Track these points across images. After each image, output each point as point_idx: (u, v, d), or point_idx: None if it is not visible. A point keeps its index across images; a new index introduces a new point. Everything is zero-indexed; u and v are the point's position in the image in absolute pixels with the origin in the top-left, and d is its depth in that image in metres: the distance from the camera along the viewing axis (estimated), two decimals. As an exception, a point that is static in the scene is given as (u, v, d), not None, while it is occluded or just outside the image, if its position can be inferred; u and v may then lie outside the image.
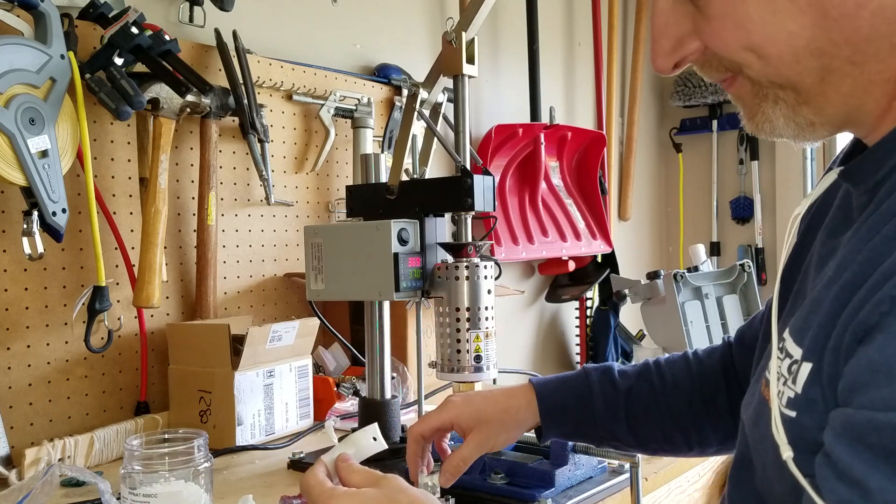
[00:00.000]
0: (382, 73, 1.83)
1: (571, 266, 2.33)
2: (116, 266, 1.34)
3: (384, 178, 1.20)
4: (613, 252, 2.41)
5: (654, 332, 2.07)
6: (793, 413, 0.55)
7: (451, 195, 1.10)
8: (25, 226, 1.12)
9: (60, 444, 1.17)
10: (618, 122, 2.70)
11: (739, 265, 2.10)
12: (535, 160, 2.19)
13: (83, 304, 1.26)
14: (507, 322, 2.29)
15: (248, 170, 1.55)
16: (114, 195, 1.35)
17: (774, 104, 0.59)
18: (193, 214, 1.47)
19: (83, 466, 1.18)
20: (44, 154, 1.12)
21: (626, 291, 2.16)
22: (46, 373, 1.26)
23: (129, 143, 1.36)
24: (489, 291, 1.08)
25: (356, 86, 1.74)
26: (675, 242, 3.01)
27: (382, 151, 1.76)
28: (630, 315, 2.44)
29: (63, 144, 1.17)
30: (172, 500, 0.82)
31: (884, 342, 0.47)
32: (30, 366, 1.24)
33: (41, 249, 1.14)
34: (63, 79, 1.16)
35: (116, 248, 1.33)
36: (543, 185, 2.25)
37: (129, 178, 1.37)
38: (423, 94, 1.16)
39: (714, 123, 2.86)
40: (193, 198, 1.46)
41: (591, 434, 0.92)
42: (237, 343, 1.27)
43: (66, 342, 1.29)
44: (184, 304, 1.46)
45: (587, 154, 2.38)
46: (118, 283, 1.34)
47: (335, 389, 1.47)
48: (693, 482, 1.38)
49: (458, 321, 1.06)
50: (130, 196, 1.37)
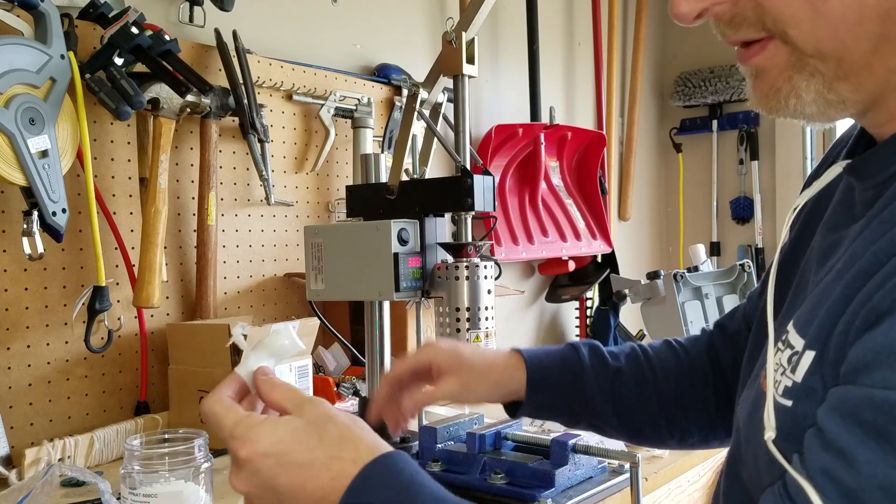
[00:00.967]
0: (382, 73, 1.83)
1: (571, 266, 2.33)
2: (116, 266, 1.34)
3: (384, 178, 1.20)
4: (613, 252, 2.41)
5: (654, 332, 2.07)
6: (788, 402, 0.53)
7: (451, 195, 1.10)
8: (25, 226, 1.12)
9: (60, 444, 1.17)
10: (618, 122, 2.70)
11: (739, 265, 2.10)
12: (535, 160, 2.19)
13: (83, 304, 1.26)
14: (507, 322, 2.29)
15: (248, 170, 1.55)
16: (114, 195, 1.35)
17: (810, 77, 0.53)
18: (193, 214, 1.47)
19: (83, 466, 1.18)
20: (44, 154, 1.12)
21: (626, 291, 2.16)
22: (46, 373, 1.26)
23: (129, 143, 1.36)
24: (489, 291, 1.08)
25: (356, 86, 1.74)
26: (675, 242, 3.01)
27: (382, 151, 1.76)
28: (630, 315, 2.44)
29: (63, 144, 1.17)
30: (172, 500, 0.82)
31: (890, 326, 0.46)
32: (30, 366, 1.24)
33: (41, 249, 1.14)
34: (63, 79, 1.16)
35: (116, 248, 1.33)
36: (543, 185, 2.25)
37: (129, 178, 1.37)
38: (423, 94, 1.16)
39: (714, 123, 2.86)
40: (193, 198, 1.46)
41: (572, 410, 0.87)
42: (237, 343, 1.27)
43: (66, 342, 1.29)
44: (184, 304, 1.46)
45: (587, 154, 2.38)
46: (118, 283, 1.34)
47: (335, 389, 1.47)
48: (693, 482, 1.38)
49: (458, 321, 1.06)
50: (130, 196, 1.37)
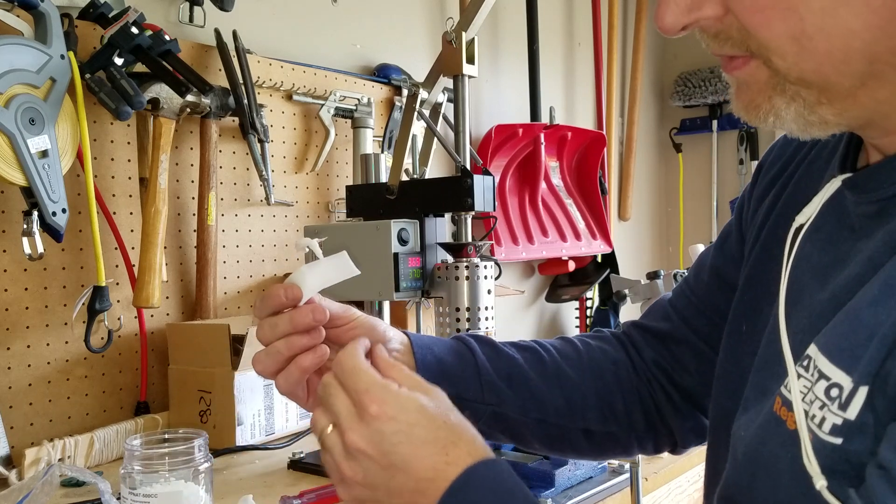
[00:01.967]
0: (382, 73, 1.83)
1: (571, 266, 2.33)
2: (116, 266, 1.34)
3: (384, 178, 1.21)
4: (613, 252, 2.41)
5: (654, 332, 2.07)
6: (837, 440, 0.50)
7: (451, 195, 1.10)
8: (25, 226, 1.12)
9: (60, 444, 1.17)
10: (618, 122, 2.70)
11: (739, 265, 2.10)
12: (535, 160, 2.19)
13: (83, 304, 1.26)
14: (507, 322, 2.29)
15: (248, 170, 1.55)
16: (114, 195, 1.35)
17: (790, 101, 0.52)
18: (193, 214, 1.47)
19: (83, 466, 1.18)
20: (44, 154, 1.12)
21: (626, 291, 2.16)
22: (46, 373, 1.26)
23: (129, 143, 1.36)
24: (489, 291, 1.08)
25: (356, 86, 1.74)
26: (675, 242, 3.01)
27: (382, 151, 1.75)
28: (630, 315, 2.44)
29: (63, 144, 1.17)
30: (172, 500, 0.82)
31: None
32: (30, 366, 1.24)
33: (41, 249, 1.14)
34: (63, 79, 1.16)
35: (116, 248, 1.33)
36: (543, 185, 2.25)
37: (129, 178, 1.37)
38: (423, 94, 1.16)
39: (714, 123, 2.86)
40: (193, 198, 1.46)
41: (467, 397, 0.76)
42: (237, 343, 1.27)
43: (66, 342, 1.29)
44: (184, 304, 1.46)
45: (587, 154, 2.38)
46: (118, 283, 1.34)
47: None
48: (693, 482, 1.38)
49: (458, 321, 1.06)
50: (130, 196, 1.37)
